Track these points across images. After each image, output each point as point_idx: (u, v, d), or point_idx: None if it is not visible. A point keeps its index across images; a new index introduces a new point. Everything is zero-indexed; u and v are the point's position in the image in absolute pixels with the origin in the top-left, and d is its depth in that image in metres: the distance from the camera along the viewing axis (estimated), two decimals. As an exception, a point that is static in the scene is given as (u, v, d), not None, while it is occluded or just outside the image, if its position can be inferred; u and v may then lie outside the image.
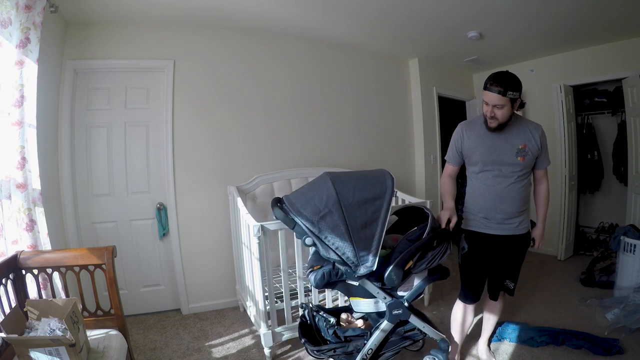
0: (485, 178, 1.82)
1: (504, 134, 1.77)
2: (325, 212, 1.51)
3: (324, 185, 1.58)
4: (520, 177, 1.78)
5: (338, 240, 1.51)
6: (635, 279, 2.66)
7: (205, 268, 2.88)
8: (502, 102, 1.65)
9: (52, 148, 2.42)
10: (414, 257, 1.58)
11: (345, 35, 3.25)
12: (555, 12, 2.75)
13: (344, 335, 1.70)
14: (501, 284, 1.92)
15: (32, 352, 1.23)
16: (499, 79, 1.67)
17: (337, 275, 1.56)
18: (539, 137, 1.78)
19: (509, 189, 1.78)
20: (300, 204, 1.56)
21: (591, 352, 2.01)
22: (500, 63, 4.16)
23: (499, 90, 1.64)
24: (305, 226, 1.52)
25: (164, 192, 2.80)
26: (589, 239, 4.02)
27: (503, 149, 1.76)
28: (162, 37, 2.75)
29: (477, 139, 1.83)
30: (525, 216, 1.86)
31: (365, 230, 1.54)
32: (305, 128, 3.30)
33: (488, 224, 1.82)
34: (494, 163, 1.78)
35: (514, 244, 1.85)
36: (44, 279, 1.67)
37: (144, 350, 2.28)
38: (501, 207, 1.79)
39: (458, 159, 1.93)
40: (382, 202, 1.57)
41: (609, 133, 3.92)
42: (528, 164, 1.77)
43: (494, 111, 1.68)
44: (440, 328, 2.41)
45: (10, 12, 1.69)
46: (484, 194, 1.83)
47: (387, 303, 1.66)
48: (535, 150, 1.77)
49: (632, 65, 3.29)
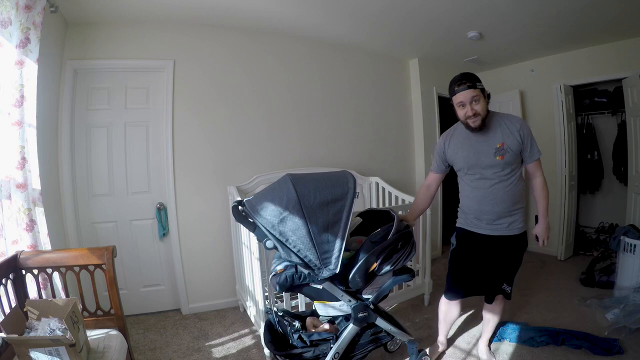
0: (470, 181, 1.84)
1: (483, 135, 1.76)
2: (286, 214, 1.47)
3: (284, 186, 1.53)
4: (504, 177, 1.75)
5: (300, 242, 1.47)
6: (635, 279, 2.66)
7: (206, 268, 2.88)
8: (476, 94, 1.67)
9: (52, 148, 2.41)
10: (379, 259, 1.55)
11: (345, 35, 3.25)
12: (555, 12, 2.75)
13: (310, 340, 1.68)
14: (498, 287, 1.89)
15: (32, 352, 1.23)
16: (463, 76, 1.70)
17: (300, 278, 1.52)
18: (518, 130, 1.72)
19: (493, 191, 1.76)
20: (260, 206, 1.51)
21: (591, 352, 2.01)
22: (500, 63, 4.16)
23: (468, 85, 1.67)
24: (265, 229, 1.48)
25: (164, 192, 2.80)
26: (589, 239, 4.02)
27: (482, 151, 1.76)
28: (162, 37, 2.75)
29: (457, 145, 1.85)
30: (518, 216, 1.80)
31: (328, 232, 1.49)
32: (305, 128, 3.30)
33: (479, 223, 1.83)
34: (474, 166, 1.79)
35: (507, 245, 1.81)
36: (44, 279, 1.67)
37: (144, 350, 2.28)
38: (487, 208, 1.79)
39: (442, 167, 1.96)
40: (344, 203, 1.53)
41: (609, 133, 3.92)
42: (510, 161, 1.73)
43: (473, 108, 1.69)
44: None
45: (10, 12, 1.69)
46: (469, 196, 1.86)
47: (352, 306, 1.64)
48: (516, 146, 1.72)
49: (632, 65, 3.29)
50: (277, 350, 1.69)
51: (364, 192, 3.36)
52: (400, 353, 2.14)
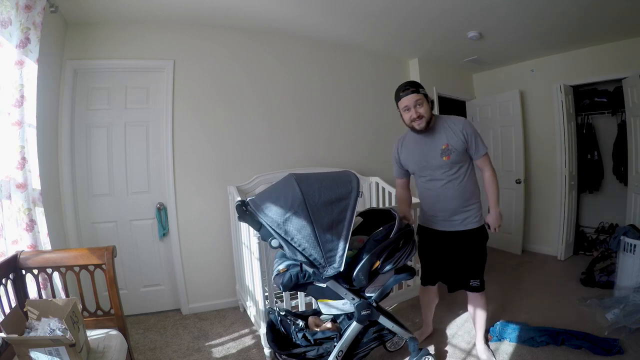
0: (423, 182, 1.97)
1: (429, 138, 1.88)
2: (291, 214, 1.49)
3: (289, 186, 1.56)
4: (453, 176, 1.85)
5: (305, 241, 1.49)
6: (635, 279, 2.65)
7: (206, 268, 2.88)
8: (419, 98, 1.80)
9: (52, 148, 2.41)
10: (381, 257, 1.59)
11: (345, 35, 3.25)
12: (555, 12, 2.75)
13: (314, 338, 1.69)
14: (465, 283, 1.96)
15: (32, 352, 1.23)
16: (407, 84, 1.85)
17: (304, 277, 1.54)
18: (461, 130, 1.83)
19: (444, 190, 1.87)
20: (265, 205, 1.53)
21: (591, 352, 2.01)
22: (500, 63, 4.16)
23: (412, 90, 1.81)
24: (270, 228, 1.50)
25: (164, 192, 2.80)
26: (589, 239, 4.02)
27: (429, 154, 1.87)
28: (162, 37, 2.75)
29: (408, 150, 1.98)
30: (473, 212, 1.89)
31: (332, 230, 1.52)
32: (305, 128, 3.30)
33: (436, 220, 1.95)
34: (424, 169, 1.92)
35: (465, 240, 1.90)
36: (44, 279, 1.67)
37: (144, 350, 2.28)
38: (440, 206, 1.90)
39: (402, 172, 2.09)
40: (348, 202, 1.57)
41: (609, 133, 3.91)
42: (456, 160, 1.83)
43: (417, 111, 1.81)
44: (440, 327, 2.43)
45: (10, 12, 1.69)
46: (424, 195, 2.00)
47: (355, 304, 1.66)
48: (460, 145, 1.82)
49: (632, 65, 3.29)
50: (280, 350, 1.69)
51: (363, 192, 3.36)
52: (400, 353, 2.14)
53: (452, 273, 1.99)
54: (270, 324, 1.83)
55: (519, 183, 4.05)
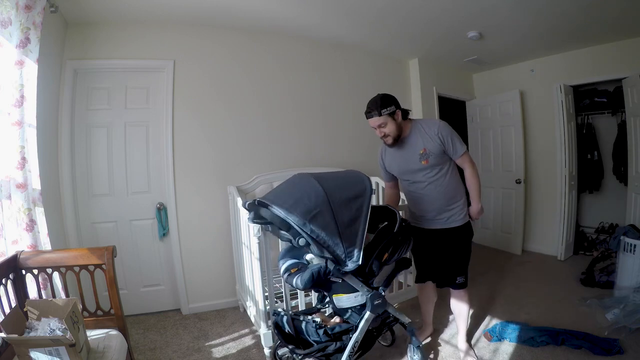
0: (407, 185, 2.04)
1: (407, 144, 1.93)
2: (316, 212, 1.53)
3: (309, 184, 1.62)
4: (434, 178, 1.91)
5: (329, 238, 1.54)
6: (635, 279, 2.65)
7: (206, 268, 2.88)
8: (382, 121, 1.85)
9: (52, 148, 2.42)
10: (389, 250, 1.69)
11: (345, 35, 3.25)
12: (555, 12, 2.75)
13: (333, 333, 1.73)
14: (452, 280, 2.02)
15: (32, 352, 1.23)
16: (370, 105, 1.88)
17: (325, 274, 1.58)
18: (437, 134, 1.87)
19: (426, 192, 1.94)
20: (288, 205, 1.55)
21: (591, 352, 2.01)
22: (500, 63, 4.16)
23: (373, 113, 1.85)
24: (298, 227, 1.52)
25: (164, 192, 2.80)
26: (589, 239, 4.02)
27: (409, 159, 1.93)
28: (162, 37, 2.75)
29: (391, 156, 2.05)
30: (456, 210, 1.94)
31: (352, 227, 1.59)
32: (305, 128, 3.30)
33: (423, 220, 2.02)
34: (406, 173, 1.99)
35: (451, 237, 1.96)
36: (44, 279, 1.67)
37: (144, 350, 2.28)
38: (424, 207, 1.97)
39: (388, 176, 2.16)
40: (364, 199, 1.65)
41: (609, 133, 3.91)
42: (435, 163, 1.89)
43: (382, 131, 1.88)
44: (439, 327, 2.43)
45: (10, 12, 1.69)
46: (409, 197, 2.07)
47: (369, 295, 1.72)
48: (437, 148, 1.87)
49: (632, 65, 3.29)
50: (297, 349, 1.72)
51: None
52: (400, 353, 2.14)
53: (441, 270, 2.05)
54: (275, 325, 1.84)
55: (519, 183, 4.05)
